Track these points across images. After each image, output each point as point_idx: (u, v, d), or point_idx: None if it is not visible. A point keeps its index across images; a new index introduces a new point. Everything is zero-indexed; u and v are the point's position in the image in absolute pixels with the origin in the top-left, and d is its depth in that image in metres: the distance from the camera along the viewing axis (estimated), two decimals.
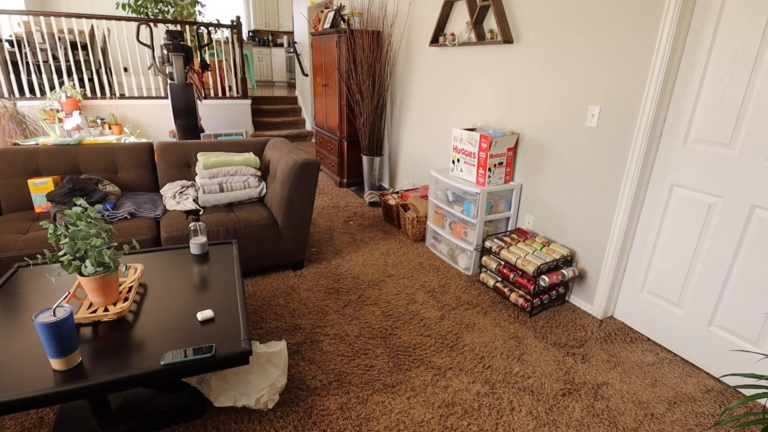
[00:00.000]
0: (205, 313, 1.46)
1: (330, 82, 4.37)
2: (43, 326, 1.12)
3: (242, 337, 1.37)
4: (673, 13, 1.79)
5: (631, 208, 2.10)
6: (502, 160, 2.63)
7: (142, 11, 6.09)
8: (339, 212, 3.79)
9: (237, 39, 5.59)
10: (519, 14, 2.53)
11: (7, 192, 2.47)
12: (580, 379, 1.88)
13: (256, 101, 6.65)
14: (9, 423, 1.55)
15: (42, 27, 4.67)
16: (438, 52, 3.32)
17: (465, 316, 2.31)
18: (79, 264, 1.35)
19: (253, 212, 2.55)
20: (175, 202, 2.55)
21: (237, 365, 1.34)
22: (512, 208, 2.78)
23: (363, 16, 4.02)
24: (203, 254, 1.92)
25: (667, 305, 2.09)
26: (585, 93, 2.21)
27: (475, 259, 2.73)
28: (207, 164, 2.63)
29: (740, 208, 1.76)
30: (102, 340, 1.34)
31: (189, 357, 1.26)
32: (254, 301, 2.38)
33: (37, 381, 1.15)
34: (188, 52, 4.18)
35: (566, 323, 2.28)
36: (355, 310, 2.33)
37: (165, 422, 1.56)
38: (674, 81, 1.90)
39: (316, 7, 5.91)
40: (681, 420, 1.68)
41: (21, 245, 2.08)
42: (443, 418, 1.65)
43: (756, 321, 1.77)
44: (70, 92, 4.61)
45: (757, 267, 1.73)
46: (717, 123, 1.78)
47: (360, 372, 1.87)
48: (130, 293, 1.52)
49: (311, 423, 1.61)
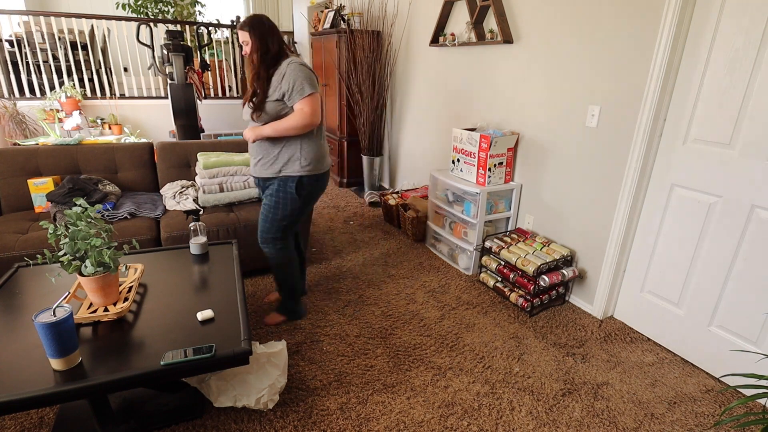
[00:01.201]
0: (205, 313, 1.46)
1: (330, 82, 4.37)
2: (43, 326, 1.12)
3: (242, 337, 1.37)
4: (673, 13, 1.79)
5: (631, 208, 2.10)
6: (502, 160, 2.63)
7: (142, 11, 6.09)
8: (339, 212, 3.79)
9: (237, 39, 5.58)
10: (519, 14, 2.53)
11: (7, 192, 2.47)
12: (580, 379, 1.88)
13: None
14: (9, 423, 1.55)
15: (42, 27, 4.67)
16: (438, 52, 3.32)
17: (465, 316, 2.31)
18: (79, 264, 1.35)
19: (254, 212, 2.55)
20: (175, 202, 2.55)
21: (237, 365, 1.33)
22: (512, 208, 2.78)
23: (363, 16, 4.02)
24: (203, 254, 1.92)
25: (667, 305, 2.09)
26: (585, 93, 2.21)
27: (475, 259, 2.73)
28: (207, 164, 2.63)
29: (740, 208, 1.76)
30: (102, 340, 1.34)
31: (189, 357, 1.26)
32: (254, 301, 2.38)
33: (38, 381, 1.15)
34: (188, 52, 4.18)
35: (566, 323, 2.28)
36: (355, 310, 2.33)
37: (165, 422, 1.56)
38: (674, 81, 1.90)
39: (316, 7, 5.91)
40: (681, 420, 1.68)
41: (21, 245, 2.08)
42: (443, 418, 1.65)
43: (756, 321, 1.77)
44: (70, 92, 4.61)
45: (757, 267, 1.73)
46: (717, 123, 1.78)
47: (360, 372, 1.87)
48: (130, 293, 1.52)
49: (311, 423, 1.61)
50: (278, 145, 1.87)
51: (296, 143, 1.87)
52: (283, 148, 1.87)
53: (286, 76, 1.77)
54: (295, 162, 1.88)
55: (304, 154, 1.89)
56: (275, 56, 1.82)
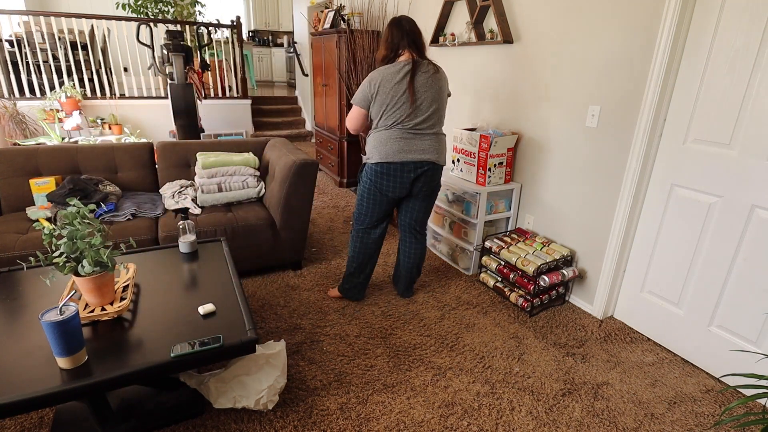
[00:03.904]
0: (206, 307, 1.47)
1: (330, 82, 4.37)
2: (50, 325, 1.12)
3: (248, 327, 1.40)
4: (673, 13, 1.79)
5: (631, 208, 2.10)
6: (502, 160, 2.63)
7: (142, 11, 6.09)
8: (339, 212, 3.79)
9: (237, 39, 5.59)
10: (519, 14, 2.53)
11: (7, 192, 2.47)
12: (580, 379, 1.88)
13: (256, 101, 6.65)
14: (9, 423, 1.55)
15: (42, 27, 4.67)
16: (438, 52, 3.32)
17: (465, 316, 2.31)
18: (75, 265, 1.34)
19: (251, 212, 2.55)
20: (174, 201, 2.55)
21: (245, 353, 1.37)
22: (512, 208, 2.78)
23: (363, 16, 4.02)
24: (192, 252, 1.92)
25: (667, 305, 2.09)
26: (585, 93, 2.21)
27: (475, 259, 2.73)
28: (206, 164, 2.63)
29: (740, 208, 1.76)
30: (104, 339, 1.34)
31: (198, 348, 1.28)
32: (254, 301, 2.37)
33: (46, 380, 1.15)
34: (188, 52, 4.18)
35: (566, 323, 2.28)
36: (355, 310, 2.33)
37: (166, 420, 1.56)
38: (674, 81, 1.90)
39: (316, 7, 5.91)
40: (681, 420, 1.68)
41: (21, 245, 2.08)
42: (443, 418, 1.65)
43: (756, 321, 1.77)
44: (70, 92, 4.61)
45: (757, 267, 1.73)
46: (717, 123, 1.78)
47: (360, 372, 1.87)
48: (125, 292, 1.52)
49: (311, 423, 1.61)
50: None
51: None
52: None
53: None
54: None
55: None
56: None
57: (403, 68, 1.98)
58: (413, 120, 2.02)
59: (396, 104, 1.99)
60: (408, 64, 1.99)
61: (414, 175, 2.08)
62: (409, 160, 2.05)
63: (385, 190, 2.12)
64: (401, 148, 2.03)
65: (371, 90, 2.02)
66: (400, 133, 2.03)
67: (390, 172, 2.07)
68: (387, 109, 2.01)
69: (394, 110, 2.00)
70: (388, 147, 2.04)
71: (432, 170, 2.11)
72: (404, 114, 2.00)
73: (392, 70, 1.99)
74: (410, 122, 2.02)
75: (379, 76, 2.00)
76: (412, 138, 2.04)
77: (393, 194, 2.13)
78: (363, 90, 2.04)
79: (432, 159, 2.08)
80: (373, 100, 2.03)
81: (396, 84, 1.98)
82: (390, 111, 2.01)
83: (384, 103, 2.01)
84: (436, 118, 2.07)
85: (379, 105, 2.02)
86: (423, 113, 2.02)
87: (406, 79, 1.97)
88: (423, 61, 2.03)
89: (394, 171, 2.07)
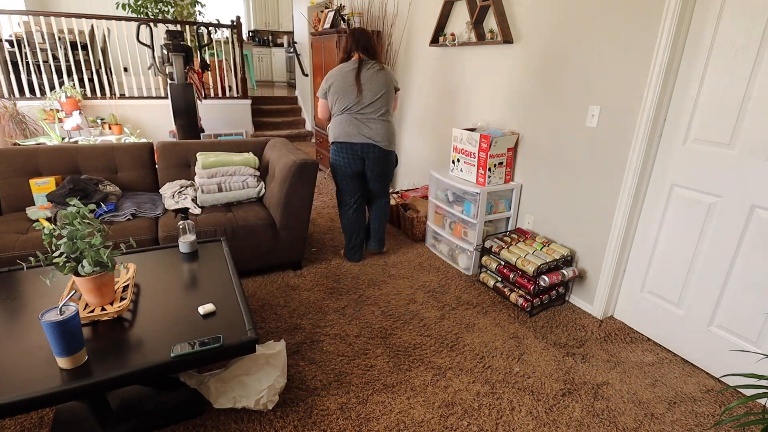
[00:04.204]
0: (206, 307, 1.47)
1: None
2: (50, 325, 1.12)
3: (248, 327, 1.40)
4: (673, 13, 1.79)
5: (631, 208, 2.10)
6: (502, 160, 2.63)
7: (142, 11, 6.09)
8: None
9: (237, 39, 5.58)
10: (519, 14, 2.53)
11: (7, 192, 2.47)
12: (580, 379, 1.88)
13: (256, 101, 6.65)
14: (9, 423, 1.55)
15: (42, 27, 4.67)
16: (438, 52, 3.32)
17: (465, 316, 2.31)
18: (75, 265, 1.34)
19: (251, 212, 2.55)
20: (174, 201, 2.55)
21: (245, 353, 1.37)
22: (512, 208, 2.78)
23: (363, 16, 4.02)
24: (192, 252, 1.92)
25: (667, 305, 2.09)
26: (585, 93, 2.21)
27: (475, 259, 2.73)
28: (206, 164, 2.63)
29: (740, 208, 1.76)
30: (104, 339, 1.34)
31: (198, 348, 1.28)
32: (254, 301, 2.37)
33: (46, 381, 1.15)
34: (188, 52, 4.18)
35: (566, 323, 2.28)
36: (355, 310, 2.33)
37: (166, 420, 1.56)
38: (674, 81, 1.90)
39: (316, 7, 5.91)
40: (681, 420, 1.68)
41: (21, 245, 2.08)
42: (443, 418, 1.65)
43: (756, 321, 1.77)
44: (70, 92, 4.61)
45: (757, 267, 1.73)
46: (717, 123, 1.78)
47: (360, 372, 1.87)
48: (125, 292, 1.52)
49: (311, 423, 1.61)
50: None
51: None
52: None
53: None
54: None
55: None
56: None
57: (352, 65, 2.49)
58: (360, 105, 2.49)
59: (345, 92, 2.48)
60: (356, 62, 2.49)
61: (362, 154, 2.55)
62: (357, 141, 2.52)
63: (343, 166, 2.59)
64: (350, 131, 2.51)
65: (328, 82, 2.53)
66: (350, 117, 2.51)
67: (342, 150, 2.56)
68: (339, 97, 2.50)
69: (344, 97, 2.49)
70: (340, 129, 2.53)
71: (380, 154, 2.57)
72: (352, 101, 2.48)
73: (344, 67, 2.50)
74: (357, 107, 2.49)
75: (334, 72, 2.52)
76: (359, 123, 2.50)
77: (349, 169, 2.60)
78: (323, 84, 2.56)
79: (377, 143, 2.53)
80: (330, 90, 2.53)
81: (345, 76, 2.48)
82: (341, 98, 2.49)
83: (336, 92, 2.50)
84: (380, 104, 2.50)
85: (332, 94, 2.53)
86: (368, 100, 2.48)
87: (353, 72, 2.47)
88: (370, 60, 2.51)
89: (345, 150, 2.55)
